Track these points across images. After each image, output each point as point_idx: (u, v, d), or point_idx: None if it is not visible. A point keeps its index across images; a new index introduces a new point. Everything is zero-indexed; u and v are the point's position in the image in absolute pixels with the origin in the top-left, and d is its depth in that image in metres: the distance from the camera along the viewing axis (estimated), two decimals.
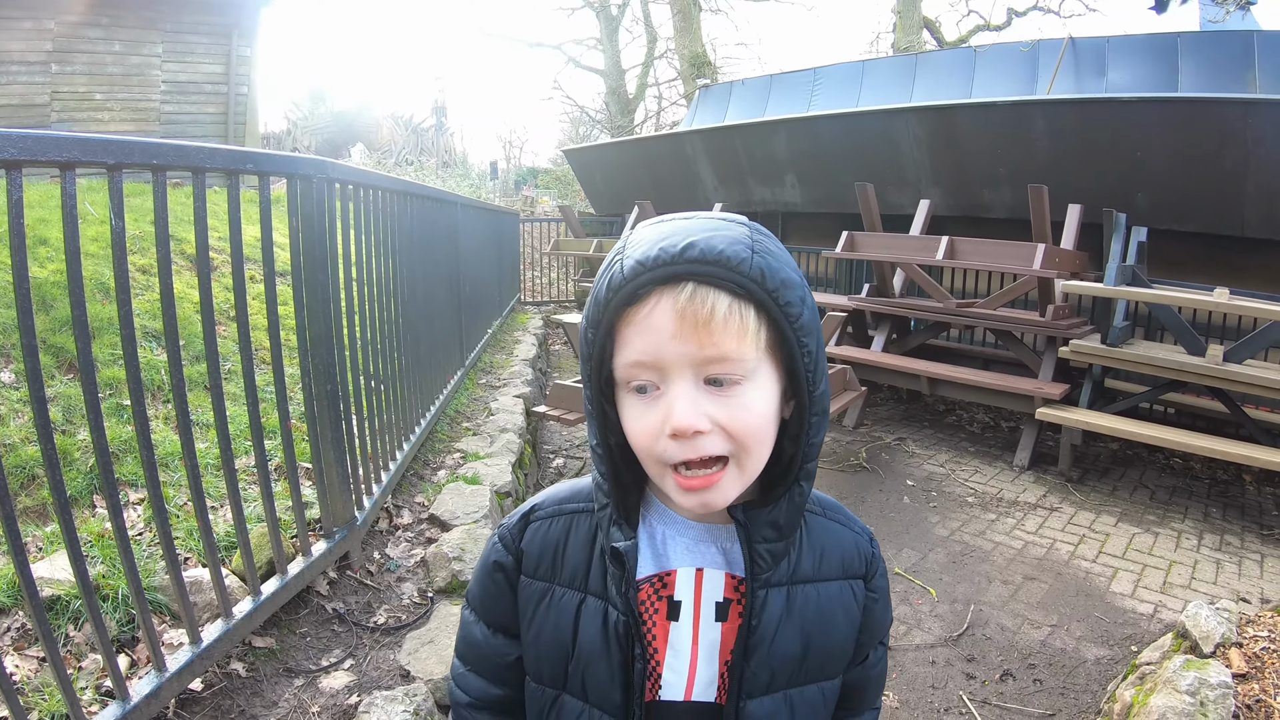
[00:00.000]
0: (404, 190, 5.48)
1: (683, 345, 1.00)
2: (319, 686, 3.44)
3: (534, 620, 1.25)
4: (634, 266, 1.01)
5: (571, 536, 1.27)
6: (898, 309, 8.59)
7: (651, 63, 33.56)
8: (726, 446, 1.04)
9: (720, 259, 1.00)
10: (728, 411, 1.03)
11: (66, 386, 4.69)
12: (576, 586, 1.23)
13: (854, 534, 1.32)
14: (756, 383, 1.05)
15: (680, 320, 1.00)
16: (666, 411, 1.02)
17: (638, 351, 1.03)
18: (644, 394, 1.05)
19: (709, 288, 1.00)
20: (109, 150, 2.37)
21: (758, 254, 1.03)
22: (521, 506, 1.35)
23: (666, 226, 1.06)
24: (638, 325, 1.02)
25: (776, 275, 1.03)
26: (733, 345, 1.01)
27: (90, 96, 13.43)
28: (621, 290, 1.02)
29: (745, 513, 1.15)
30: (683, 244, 1.01)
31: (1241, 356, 6.43)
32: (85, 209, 6.75)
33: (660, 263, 1.00)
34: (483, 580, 1.34)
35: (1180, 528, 5.98)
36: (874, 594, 1.32)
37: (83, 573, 2.41)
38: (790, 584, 1.21)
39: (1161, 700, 3.07)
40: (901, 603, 4.68)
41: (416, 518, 4.89)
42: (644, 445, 1.06)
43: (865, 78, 15.04)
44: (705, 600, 1.19)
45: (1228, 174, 8.25)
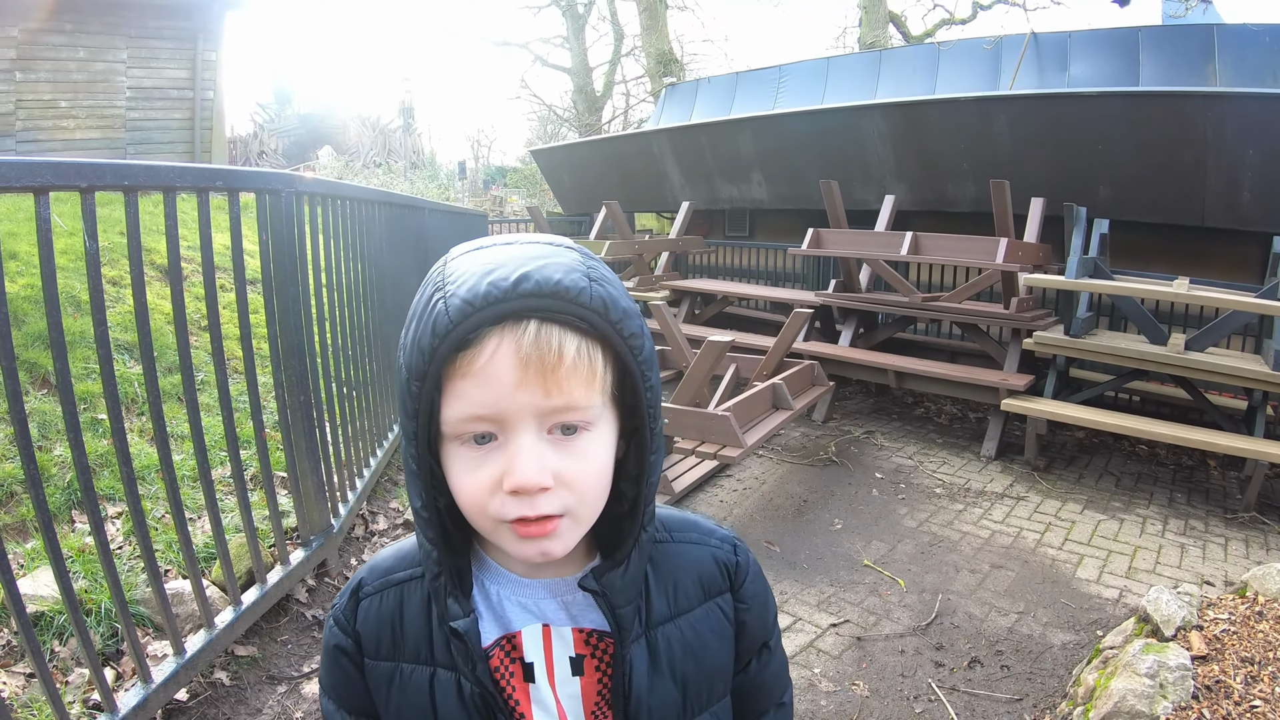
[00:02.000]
0: (371, 199, 5.52)
1: (528, 395, 0.90)
2: (301, 692, 3.49)
3: (389, 703, 1.14)
4: (461, 306, 0.88)
5: (406, 609, 1.15)
6: (864, 304, 8.66)
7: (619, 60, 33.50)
8: (565, 502, 0.95)
9: (559, 290, 0.89)
10: (571, 463, 0.94)
11: (41, 402, 4.69)
12: (423, 661, 1.12)
13: (709, 549, 1.23)
14: (600, 429, 0.98)
15: (525, 367, 0.89)
16: (507, 465, 0.92)
17: (474, 404, 0.91)
18: (481, 445, 0.94)
19: (553, 326, 0.90)
20: (81, 174, 2.42)
21: (595, 282, 0.92)
22: (350, 581, 1.22)
23: (488, 255, 0.94)
24: (474, 376, 0.90)
25: (618, 305, 0.93)
26: (581, 392, 0.92)
27: (55, 104, 13.34)
28: (449, 336, 0.88)
29: (599, 580, 1.06)
30: (515, 275, 0.89)
31: (1203, 344, 6.54)
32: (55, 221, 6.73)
33: (492, 299, 0.87)
34: (330, 667, 1.20)
35: (1145, 513, 6.09)
36: (744, 603, 1.23)
37: (68, 588, 2.45)
38: (648, 630, 1.13)
39: (1121, 683, 3.15)
40: (871, 594, 4.75)
41: (391, 523, 4.93)
42: (476, 502, 0.95)
43: (830, 74, 15.10)
44: (557, 658, 1.11)
45: (1188, 166, 8.36)
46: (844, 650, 4.17)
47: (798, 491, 6.37)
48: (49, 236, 2.33)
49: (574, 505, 0.96)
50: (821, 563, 5.12)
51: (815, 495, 6.29)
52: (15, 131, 12.82)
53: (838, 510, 6.00)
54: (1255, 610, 3.62)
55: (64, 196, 2.52)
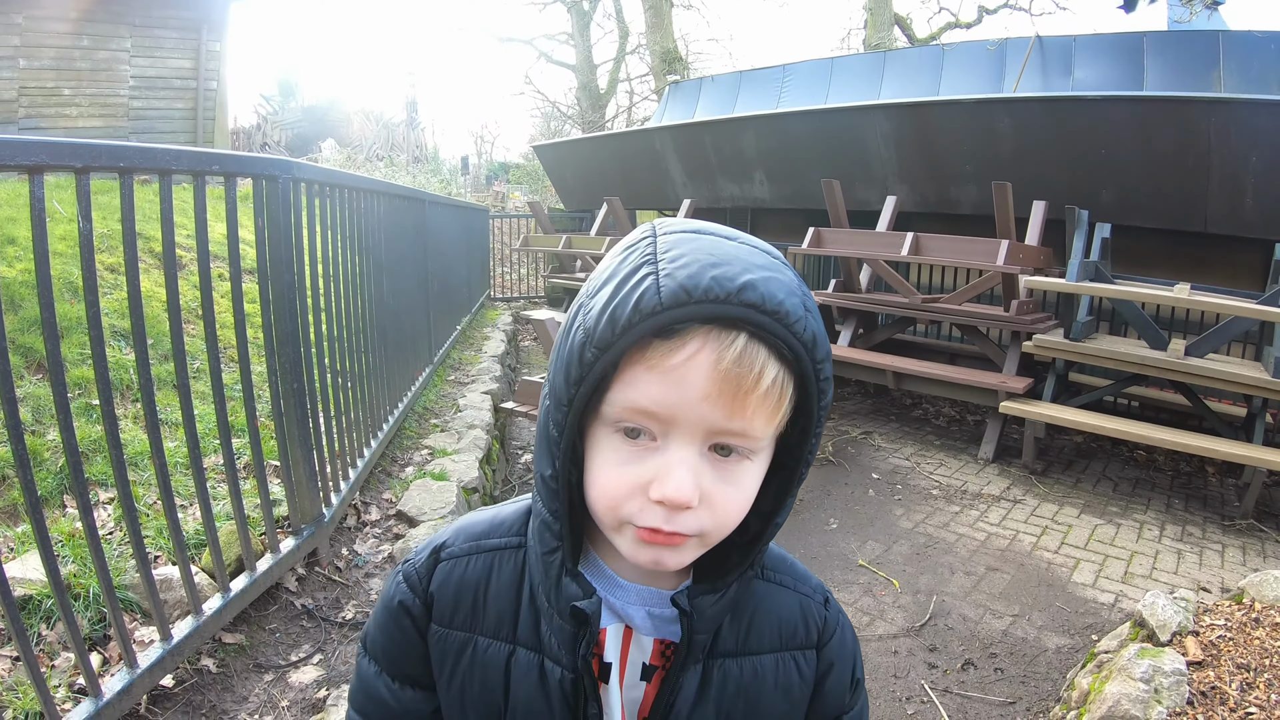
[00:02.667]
0: (371, 188, 5.49)
1: (711, 409, 0.83)
2: (288, 681, 3.46)
3: (454, 676, 1.07)
4: (676, 291, 0.80)
5: (494, 579, 1.08)
6: (864, 304, 8.65)
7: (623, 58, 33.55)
8: (703, 524, 0.89)
9: (779, 312, 0.82)
10: (722, 489, 0.88)
11: (35, 387, 4.67)
12: (503, 637, 1.06)
13: (799, 596, 1.14)
14: (758, 460, 0.92)
15: (721, 382, 0.82)
16: (659, 472, 0.85)
17: (652, 400, 0.84)
18: (633, 439, 0.88)
19: (761, 346, 0.83)
20: (76, 154, 2.39)
21: (810, 313, 0.86)
22: (430, 539, 1.15)
23: (711, 244, 0.86)
24: (662, 370, 0.83)
25: (824, 344, 0.87)
26: (762, 423, 0.86)
27: (58, 92, 13.30)
28: (653, 318, 0.80)
29: (691, 600, 0.99)
30: (741, 280, 0.81)
31: (1203, 351, 6.52)
32: (53, 207, 6.71)
33: (712, 296, 0.80)
34: (385, 626, 1.12)
35: (1142, 519, 6.07)
36: (826, 665, 1.13)
37: (54, 572, 2.43)
38: (707, 659, 1.06)
39: (1116, 687, 3.13)
40: (865, 594, 4.74)
41: (384, 514, 4.90)
42: (612, 498, 0.89)
43: (834, 75, 15.10)
44: (632, 663, 1.05)
45: (1191, 171, 8.35)
46: None
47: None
48: (43, 217, 2.30)
49: (709, 529, 0.90)
50: (816, 562, 5.10)
51: (811, 495, 6.27)
52: (18, 119, 12.79)
53: (834, 510, 5.99)
54: (1252, 617, 3.60)
55: (65, 184, 2.50)
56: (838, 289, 8.93)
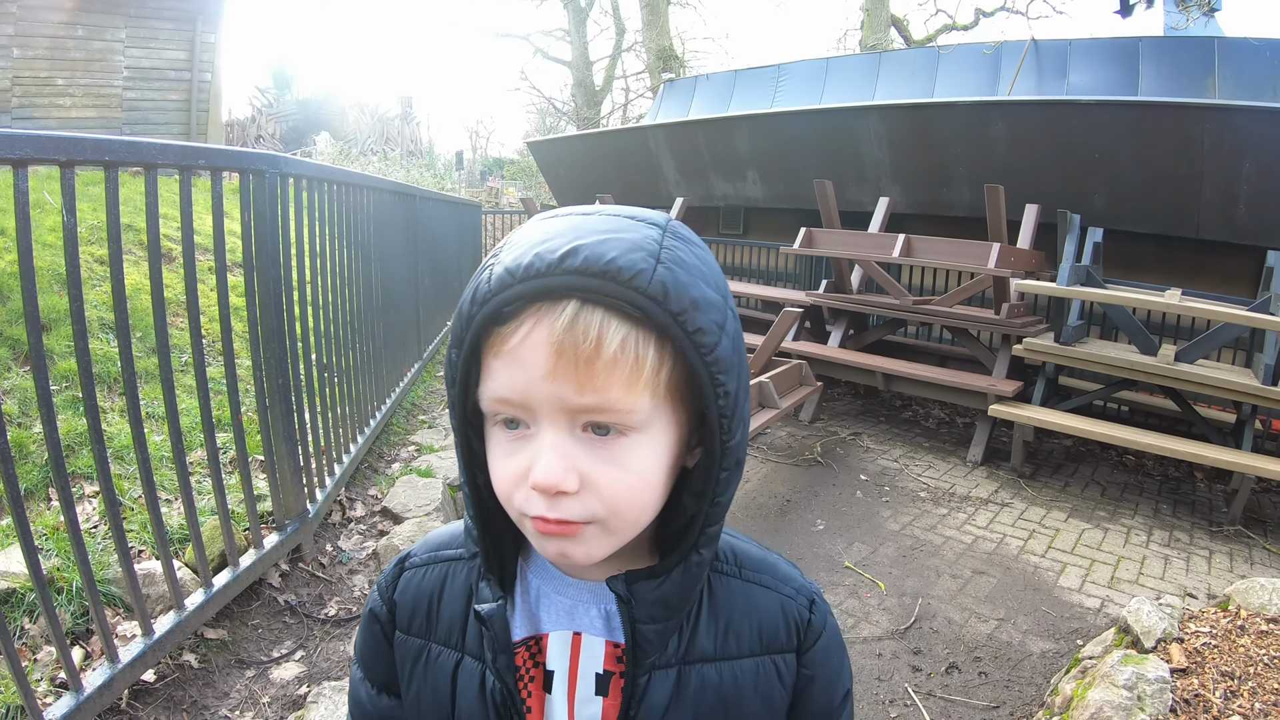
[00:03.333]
0: (360, 183, 5.47)
1: (557, 387, 0.80)
2: (270, 677, 3.46)
3: (411, 681, 1.08)
4: (501, 276, 0.81)
5: (447, 588, 1.09)
6: (855, 305, 8.65)
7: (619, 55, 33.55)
8: (592, 511, 0.84)
9: (610, 270, 0.78)
10: (603, 470, 0.84)
11: (23, 379, 4.66)
12: (453, 645, 1.06)
13: (781, 597, 1.08)
14: (649, 434, 0.86)
15: (557, 355, 0.79)
16: (533, 459, 0.83)
17: (504, 387, 0.83)
18: (513, 429, 0.86)
19: (595, 309, 0.79)
20: (61, 147, 2.40)
21: (663, 264, 0.80)
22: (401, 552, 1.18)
23: (554, 225, 0.85)
24: (505, 356, 0.82)
25: (685, 293, 0.80)
26: (620, 393, 0.81)
27: (52, 82, 13.26)
28: (486, 305, 0.81)
29: (629, 585, 0.94)
30: (564, 249, 0.79)
31: (1193, 356, 6.53)
32: (44, 198, 6.68)
33: (533, 272, 0.79)
34: (363, 633, 1.16)
35: (1130, 524, 6.07)
36: (809, 669, 1.08)
37: (35, 566, 2.43)
38: (682, 664, 1.00)
39: (1099, 694, 3.12)
40: (850, 596, 4.73)
41: (369, 510, 4.89)
42: (505, 490, 0.88)
43: (829, 75, 15.08)
44: (583, 671, 1.00)
45: (1184, 177, 8.35)
46: None
47: (781, 491, 6.34)
48: (26, 210, 2.31)
49: (603, 516, 0.85)
50: (802, 563, 5.08)
51: (799, 495, 6.26)
52: (11, 108, 12.75)
53: (821, 511, 5.98)
54: (1237, 624, 3.59)
55: (56, 175, 2.49)
56: (829, 289, 8.92)
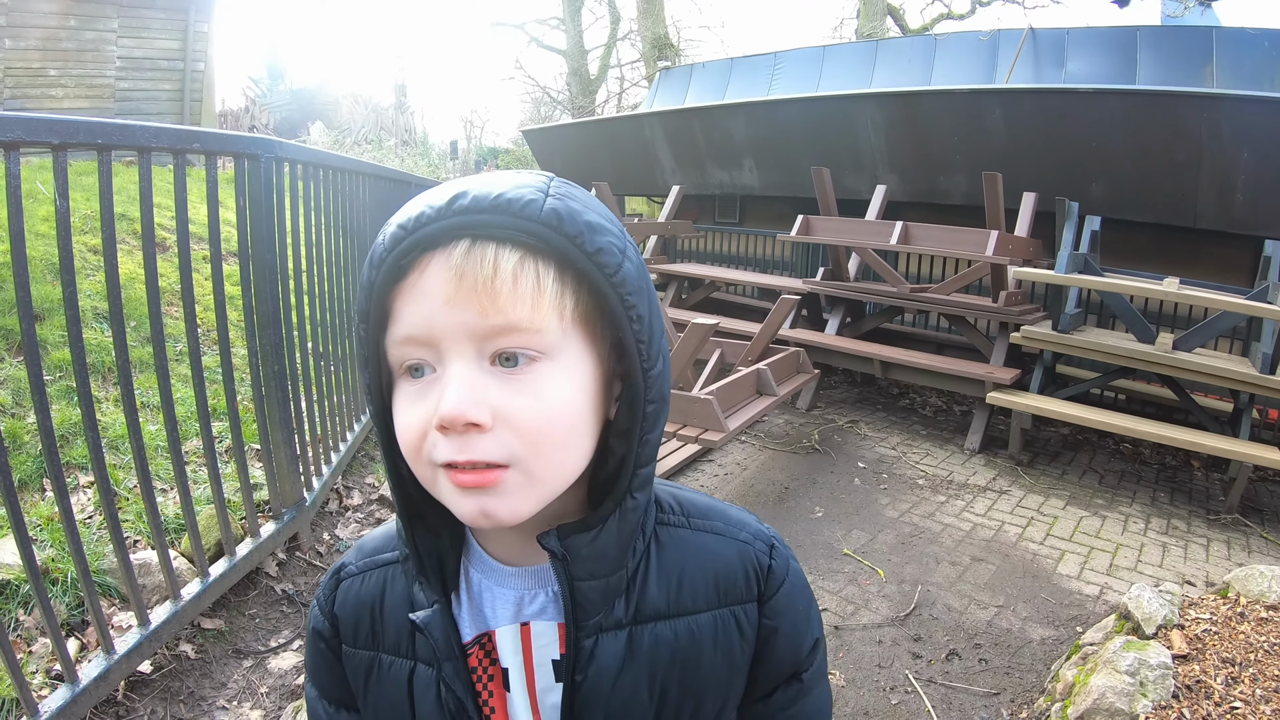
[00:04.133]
0: (355, 169, 5.45)
1: (460, 311, 0.79)
2: (267, 667, 3.44)
3: (367, 695, 1.04)
4: (395, 233, 0.81)
5: (388, 594, 1.03)
6: (852, 292, 8.63)
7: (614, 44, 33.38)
8: (509, 449, 0.80)
9: (500, 204, 0.79)
10: (516, 400, 0.80)
11: (16, 369, 4.64)
12: (403, 653, 1.01)
13: (737, 544, 1.05)
14: (560, 363, 0.83)
15: (458, 281, 0.78)
16: (439, 397, 0.80)
17: (407, 324, 0.81)
18: (418, 377, 0.84)
19: (489, 242, 0.79)
20: (53, 130, 2.38)
21: (552, 196, 0.82)
22: (336, 563, 1.11)
23: (442, 187, 0.84)
24: (406, 294, 0.81)
25: (578, 218, 0.81)
26: (524, 311, 0.79)
27: (44, 72, 13.17)
28: (384, 265, 0.81)
29: (562, 540, 0.90)
30: (451, 194, 0.80)
31: (1191, 345, 6.52)
32: (37, 188, 6.65)
33: (424, 220, 0.79)
34: (310, 651, 1.11)
35: (1128, 511, 6.07)
36: (771, 619, 1.04)
37: (29, 556, 2.41)
38: (633, 625, 0.97)
39: (1101, 680, 3.11)
40: (850, 583, 4.72)
41: (366, 498, 4.87)
42: (412, 442, 0.84)
43: (826, 63, 15.03)
44: (538, 661, 0.97)
45: (1182, 166, 8.33)
46: None
47: (779, 479, 6.33)
48: (18, 194, 2.29)
49: (521, 454, 0.81)
50: (801, 551, 5.07)
51: (797, 483, 6.25)
52: (3, 100, 12.65)
53: (819, 498, 5.96)
54: (1237, 611, 3.59)
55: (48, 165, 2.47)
56: (826, 277, 8.89)
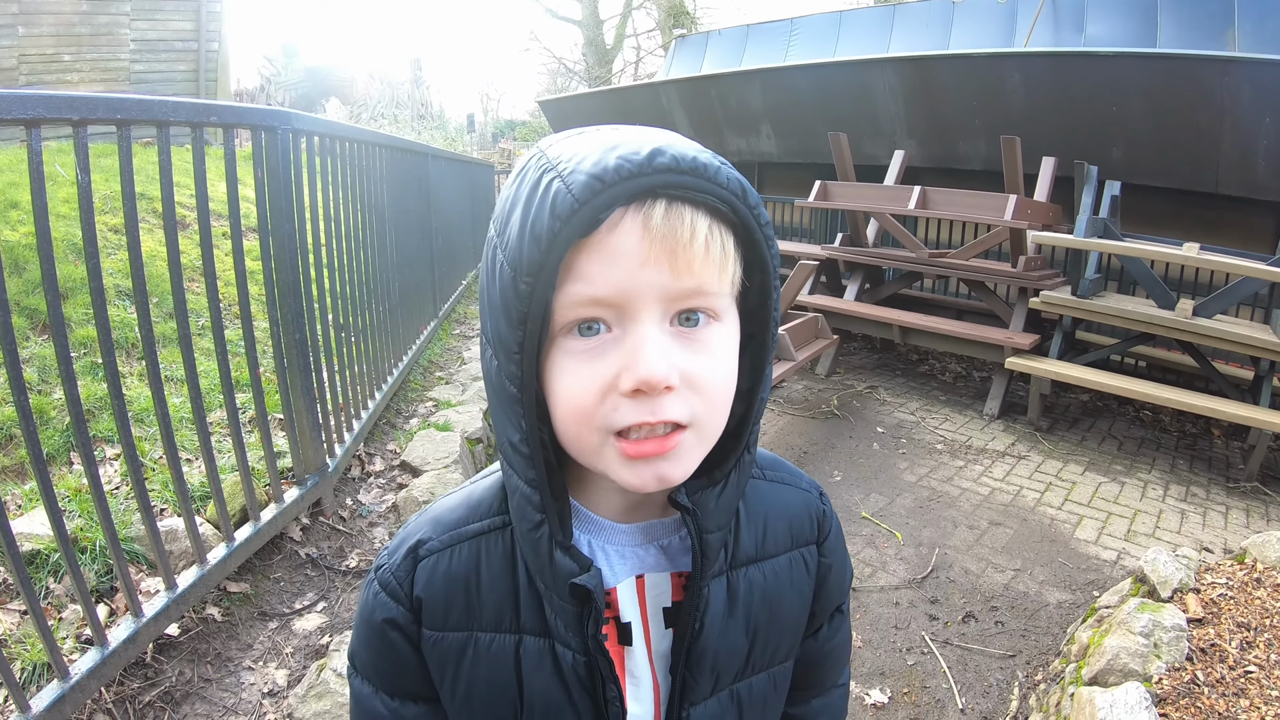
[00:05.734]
0: (372, 141, 5.46)
1: (655, 273, 0.78)
2: (292, 628, 3.49)
3: (458, 680, 0.98)
4: (588, 182, 0.75)
5: (484, 568, 0.98)
6: (870, 258, 8.61)
7: (630, 13, 33.22)
8: (693, 409, 0.82)
9: (696, 168, 0.78)
10: (699, 360, 0.82)
11: (42, 347, 4.71)
12: (506, 628, 0.97)
13: (802, 492, 1.12)
14: (727, 325, 0.86)
15: (652, 243, 0.77)
16: (628, 359, 0.78)
17: (594, 284, 0.78)
18: (589, 335, 0.81)
19: (684, 205, 0.79)
20: (73, 106, 2.41)
21: (725, 164, 0.81)
22: (400, 538, 1.04)
23: (602, 135, 0.82)
24: (594, 251, 0.77)
25: (753, 190, 0.83)
26: (713, 274, 0.81)
27: (59, 58, 13.16)
28: (574, 217, 0.75)
29: (691, 497, 0.92)
30: (648, 149, 0.77)
31: (1211, 311, 6.49)
32: (55, 170, 6.69)
33: (625, 174, 0.75)
34: (371, 642, 1.03)
35: (1147, 478, 6.07)
36: (827, 558, 1.13)
37: (60, 526, 2.46)
38: (731, 570, 1.02)
39: (1116, 641, 3.13)
40: (868, 545, 4.75)
41: (388, 464, 4.92)
42: (582, 409, 0.82)
43: (843, 28, 14.90)
44: (652, 613, 0.99)
45: (1203, 131, 8.25)
46: None
47: (798, 443, 6.35)
48: (40, 170, 2.31)
49: (701, 414, 0.83)
50: None
51: (815, 447, 6.28)
52: (19, 86, 12.66)
53: (837, 463, 5.99)
54: (1254, 577, 3.59)
55: (66, 148, 2.50)
56: (844, 243, 8.88)
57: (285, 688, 3.19)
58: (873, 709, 3.40)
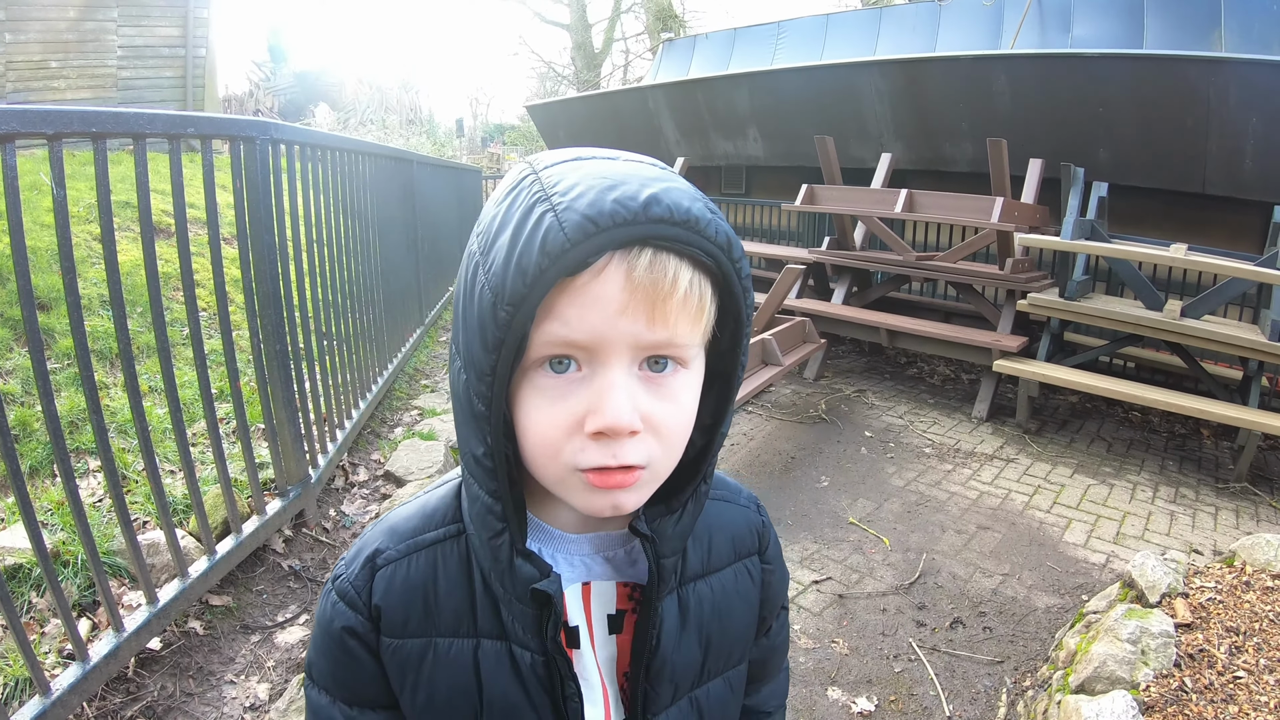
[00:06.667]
0: (354, 149, 5.44)
1: (630, 323, 0.79)
2: (275, 641, 3.49)
3: (419, 685, 1.00)
4: (580, 224, 0.74)
5: (441, 575, 1.00)
6: (858, 262, 8.60)
7: (618, 17, 33.28)
8: (650, 452, 0.85)
9: (689, 220, 0.78)
10: (661, 406, 0.84)
11: (24, 359, 4.71)
12: (464, 633, 0.99)
13: (742, 508, 1.18)
14: (693, 371, 0.89)
15: (633, 293, 0.78)
16: (592, 403, 0.81)
17: (571, 328, 0.79)
18: (559, 372, 0.82)
19: (669, 255, 0.79)
20: (47, 120, 2.43)
21: (715, 214, 0.82)
22: (357, 548, 1.05)
23: (601, 167, 0.81)
24: (575, 294, 0.78)
25: (739, 244, 0.84)
26: (686, 327, 0.82)
27: (45, 64, 13.15)
28: (564, 258, 0.74)
29: (650, 525, 0.96)
30: (644, 196, 0.77)
31: (1199, 312, 6.49)
32: (41, 179, 6.67)
33: (619, 220, 0.75)
34: (329, 651, 1.03)
35: (1136, 480, 6.06)
36: (769, 565, 1.19)
37: (39, 540, 2.47)
38: (680, 586, 1.06)
39: (1103, 648, 3.12)
40: (855, 551, 4.73)
41: (372, 474, 4.90)
42: (548, 444, 0.84)
43: (830, 31, 14.92)
44: (596, 618, 1.02)
45: (1190, 131, 8.26)
46: (825, 607, 4.14)
47: (785, 448, 6.33)
48: (15, 185, 2.34)
49: (657, 456, 0.86)
50: (806, 520, 5.09)
51: (803, 452, 6.26)
52: (6, 94, 12.64)
53: (825, 468, 5.97)
54: (1242, 580, 3.59)
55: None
56: (831, 247, 8.87)
57: (267, 701, 3.18)
58: (859, 717, 3.38)
